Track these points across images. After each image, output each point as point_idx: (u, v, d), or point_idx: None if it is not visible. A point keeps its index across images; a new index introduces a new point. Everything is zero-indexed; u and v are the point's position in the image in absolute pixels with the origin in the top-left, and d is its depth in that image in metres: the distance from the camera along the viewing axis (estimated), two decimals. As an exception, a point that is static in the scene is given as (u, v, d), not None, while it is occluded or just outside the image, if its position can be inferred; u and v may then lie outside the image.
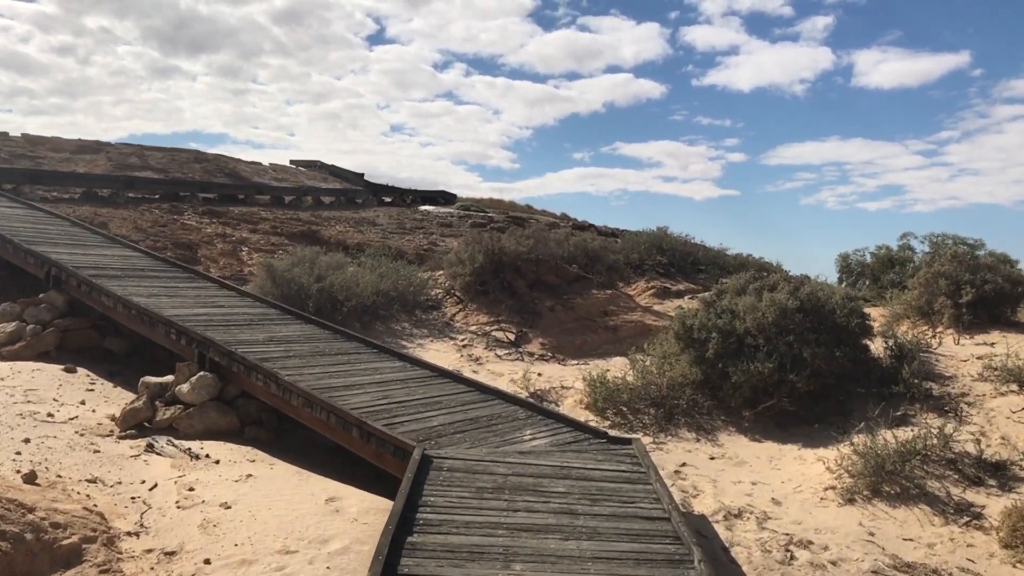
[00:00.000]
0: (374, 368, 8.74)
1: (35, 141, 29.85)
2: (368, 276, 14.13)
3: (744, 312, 9.50)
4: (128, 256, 12.46)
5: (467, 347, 12.93)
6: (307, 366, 8.45)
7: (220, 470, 7.16)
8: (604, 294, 15.11)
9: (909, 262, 31.78)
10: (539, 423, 7.71)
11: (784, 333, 9.26)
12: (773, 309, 9.28)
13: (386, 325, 13.66)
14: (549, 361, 12.73)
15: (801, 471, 8.05)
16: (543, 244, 15.60)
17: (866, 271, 31.93)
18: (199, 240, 18.93)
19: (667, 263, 18.96)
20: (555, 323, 14.06)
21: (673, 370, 9.76)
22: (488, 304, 14.37)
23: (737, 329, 9.41)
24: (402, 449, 6.57)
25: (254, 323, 9.83)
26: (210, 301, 10.53)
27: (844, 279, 32.57)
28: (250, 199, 27.76)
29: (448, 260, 15.40)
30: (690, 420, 9.36)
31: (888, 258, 31.67)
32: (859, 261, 32.36)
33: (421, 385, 8.41)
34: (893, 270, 31.28)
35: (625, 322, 14.39)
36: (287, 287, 13.14)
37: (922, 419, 8.55)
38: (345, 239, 23.10)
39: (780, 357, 9.09)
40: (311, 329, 10.03)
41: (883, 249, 32.11)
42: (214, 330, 9.12)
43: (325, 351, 9.12)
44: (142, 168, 29.21)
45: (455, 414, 7.62)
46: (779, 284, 9.69)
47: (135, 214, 20.88)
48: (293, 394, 7.62)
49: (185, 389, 8.31)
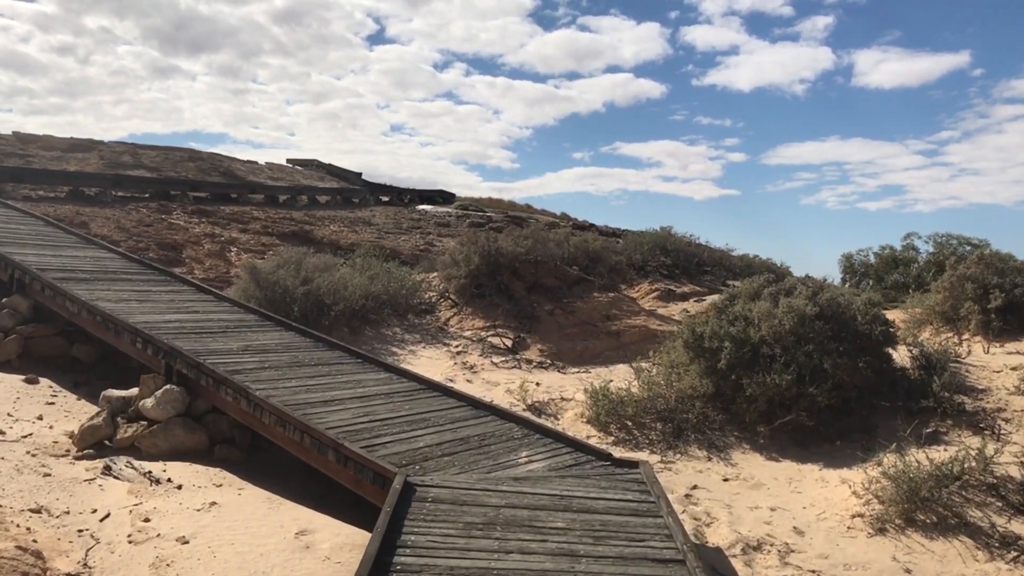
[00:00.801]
0: (356, 380, 8.02)
1: (26, 139, 29.29)
2: (358, 279, 13.42)
3: (759, 319, 8.78)
4: (102, 258, 11.74)
5: (461, 354, 12.21)
6: (283, 379, 7.73)
7: (182, 497, 6.44)
8: (606, 297, 14.39)
9: (913, 262, 31.09)
10: (536, 443, 6.98)
11: (803, 342, 8.54)
12: (791, 316, 8.56)
13: (376, 330, 12.94)
14: (548, 369, 12.01)
15: (824, 495, 7.33)
16: (542, 245, 14.88)
17: (870, 271, 31.22)
18: (185, 240, 18.21)
19: (671, 264, 18.26)
20: (554, 328, 13.35)
21: (682, 381, 9.04)
22: (484, 308, 13.65)
23: (751, 337, 8.69)
24: (382, 476, 5.85)
25: (229, 330, 9.11)
26: (184, 306, 9.81)
27: (848, 279, 31.86)
28: (243, 198, 27.08)
29: (442, 261, 14.68)
30: (701, 436, 8.64)
31: (892, 258, 30.95)
32: (863, 261, 31.63)
33: (407, 400, 7.69)
34: (897, 270, 30.58)
35: (628, 327, 13.67)
36: (271, 290, 12.42)
37: (956, 437, 7.83)
38: (339, 239, 22.41)
39: (798, 368, 8.37)
40: (291, 337, 9.31)
41: (887, 249, 31.37)
42: (184, 339, 8.41)
43: (304, 361, 8.40)
44: (135, 167, 28.60)
45: (444, 433, 6.90)
46: (797, 288, 8.97)
47: (120, 213, 20.18)
48: (264, 411, 6.90)
49: (149, 404, 7.60)
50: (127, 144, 31.94)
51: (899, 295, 26.73)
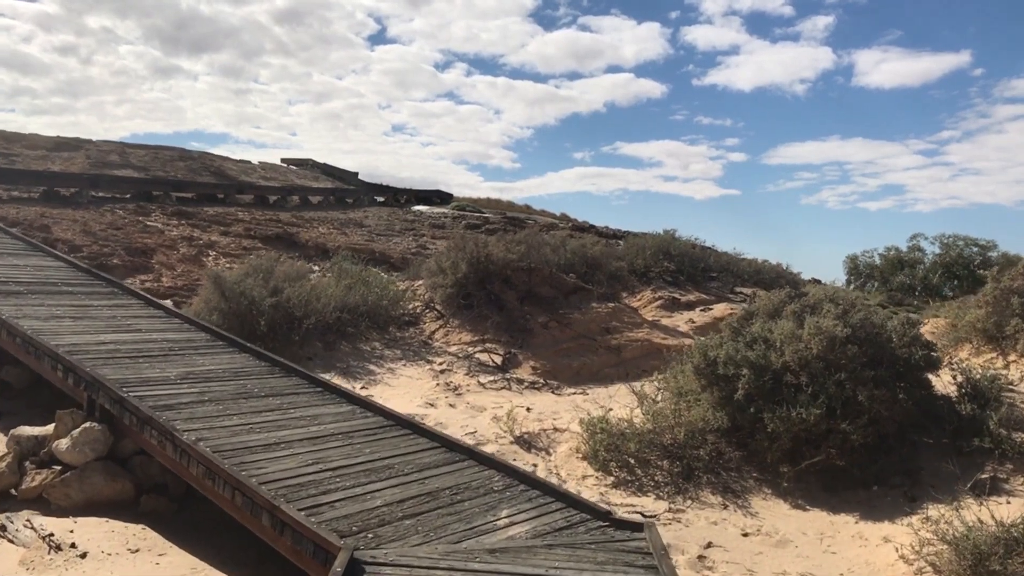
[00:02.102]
0: (312, 416, 6.84)
1: (10, 138, 28.31)
2: (333, 288, 12.24)
3: (781, 342, 7.59)
4: (44, 267, 10.57)
5: (445, 373, 11.02)
6: (224, 415, 6.55)
7: (84, 568, 5.27)
8: (605, 307, 13.20)
9: (919, 264, 29.92)
10: (520, 496, 5.80)
11: (833, 369, 7.35)
12: (819, 339, 7.37)
13: (353, 345, 11.76)
14: (541, 389, 10.82)
15: (864, 557, 6.14)
16: (536, 250, 13.69)
17: (875, 273, 30.08)
18: (158, 244, 17.05)
19: (675, 270, 17.05)
20: (549, 342, 12.16)
21: (691, 412, 7.86)
22: (472, 320, 12.46)
23: (773, 363, 7.51)
24: (324, 549, 4.69)
25: (172, 353, 7.93)
26: (125, 324, 8.63)
27: (852, 281, 30.73)
28: (230, 199, 25.95)
29: (427, 268, 13.49)
30: (715, 478, 7.46)
31: (898, 259, 29.80)
32: (868, 263, 30.51)
33: (369, 440, 6.50)
34: (903, 272, 29.45)
35: (630, 340, 12.49)
36: (237, 302, 11.24)
37: (1020, 486, 6.64)
38: (326, 242, 21.26)
39: (828, 400, 7.19)
40: (243, 361, 8.12)
41: (892, 250, 30.24)
42: (115, 365, 7.23)
43: (253, 392, 7.22)
44: (122, 166, 27.55)
45: (409, 486, 5.72)
46: (823, 306, 7.77)
47: (92, 215, 19.03)
48: (192, 460, 5.73)
49: (64, 446, 6.42)
50: (115, 143, 30.95)
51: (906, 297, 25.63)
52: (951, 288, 28.76)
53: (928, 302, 25.98)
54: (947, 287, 28.72)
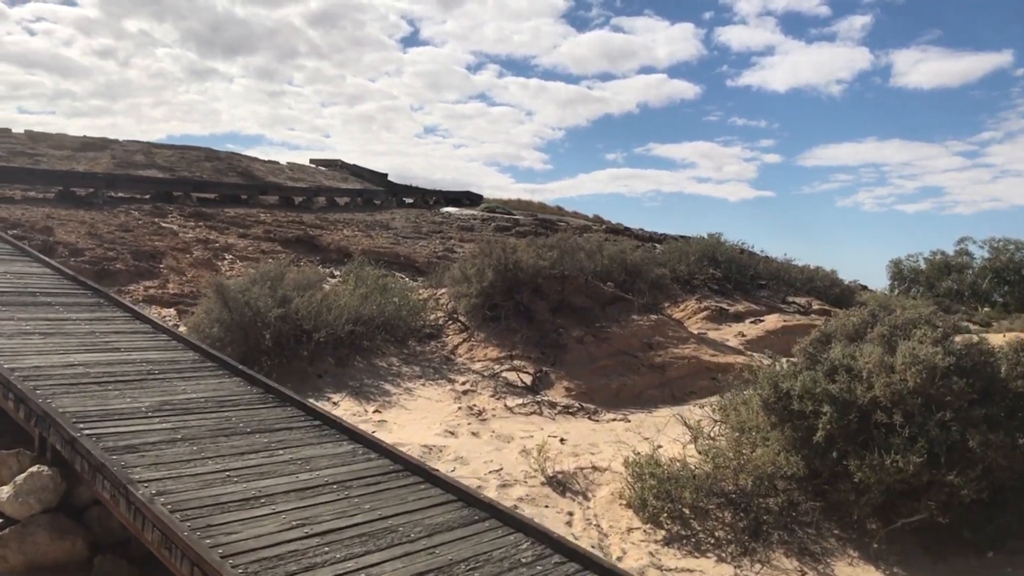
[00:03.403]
0: (303, 460, 5.70)
1: (37, 138, 27.88)
2: (347, 297, 11.13)
3: (869, 372, 6.30)
4: (26, 274, 9.59)
5: (469, 394, 9.85)
6: (197, 458, 5.43)
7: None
8: (648, 320, 11.94)
9: (967, 268, 28.19)
10: (554, 572, 4.62)
11: (934, 407, 6.04)
12: (916, 370, 6.06)
13: (368, 361, 10.64)
14: (576, 415, 9.60)
15: (990, 654, 4.85)
16: (570, 256, 12.46)
17: (920, 278, 28.43)
18: (168, 248, 16.11)
19: (721, 277, 15.73)
20: (584, 359, 10.93)
21: (759, 454, 6.59)
22: (499, 333, 11.27)
23: (859, 398, 6.22)
24: (296, 661, 3.54)
25: (150, 378, 6.84)
26: (103, 342, 7.57)
27: (896, 286, 29.11)
28: (254, 200, 25.14)
29: (451, 276, 12.32)
30: (788, 536, 6.19)
31: (944, 264, 28.12)
32: (912, 267, 28.87)
33: (370, 492, 5.35)
34: (950, 277, 27.74)
35: (675, 358, 11.22)
36: (241, 312, 10.18)
37: None
38: (348, 245, 20.26)
39: (930, 444, 5.88)
40: (232, 386, 7.01)
41: (938, 254, 28.56)
42: (78, 393, 6.16)
43: (237, 427, 6.10)
44: (147, 166, 26.96)
45: (415, 557, 4.55)
46: (920, 328, 6.45)
47: (103, 216, 18.21)
48: (147, 522, 4.61)
49: (5, 495, 5.35)
50: (141, 143, 30.42)
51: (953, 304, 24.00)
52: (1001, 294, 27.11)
53: (977, 308, 24.39)
54: (997, 293, 27.09)
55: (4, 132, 27.55)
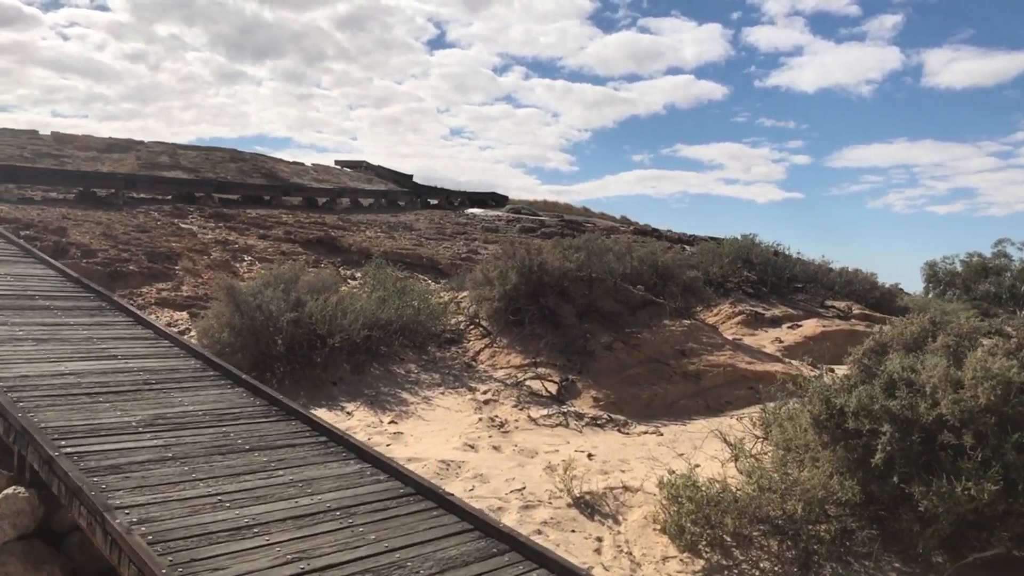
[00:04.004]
0: (305, 481, 5.17)
1: (63, 139, 27.94)
2: (364, 301, 10.63)
3: (933, 387, 5.64)
4: (28, 276, 9.19)
5: (490, 404, 9.29)
6: (188, 479, 4.93)
7: None
8: (680, 325, 11.31)
9: (1005, 271, 27.13)
10: (582, 618, 4.04)
11: (1010, 427, 5.38)
12: (989, 385, 5.40)
13: (385, 368, 10.13)
14: (605, 427, 9.00)
15: None
16: (598, 258, 11.86)
17: (956, 280, 27.44)
18: (185, 249, 15.74)
19: (756, 280, 15.04)
20: (613, 367, 10.33)
21: (808, 476, 5.96)
22: (523, 339, 10.70)
23: (923, 417, 5.56)
24: None
25: (146, 388, 6.37)
26: (99, 348, 7.11)
27: (931, 289, 28.14)
28: (276, 201, 24.85)
29: (472, 279, 11.77)
30: (843, 569, 5.54)
31: (982, 266, 27.12)
32: (948, 269, 27.88)
33: (377, 520, 4.80)
34: (987, 280, 26.74)
35: (710, 365, 10.58)
36: (252, 317, 9.72)
37: None
38: (370, 246, 19.79)
39: (1006, 469, 5.22)
40: (233, 397, 6.51)
41: (975, 257, 27.58)
42: (65, 406, 5.69)
43: (235, 444, 5.58)
44: (171, 167, 26.84)
45: (423, 599, 4.01)
46: (989, 338, 5.78)
47: (121, 217, 17.93)
48: (123, 555, 4.10)
49: (-22, 519, 4.88)
50: (167, 144, 30.37)
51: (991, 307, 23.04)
52: (1041, 298, 26.19)
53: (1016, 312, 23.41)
54: (1037, 296, 26.20)
55: (31, 134, 27.65)
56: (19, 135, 26.83)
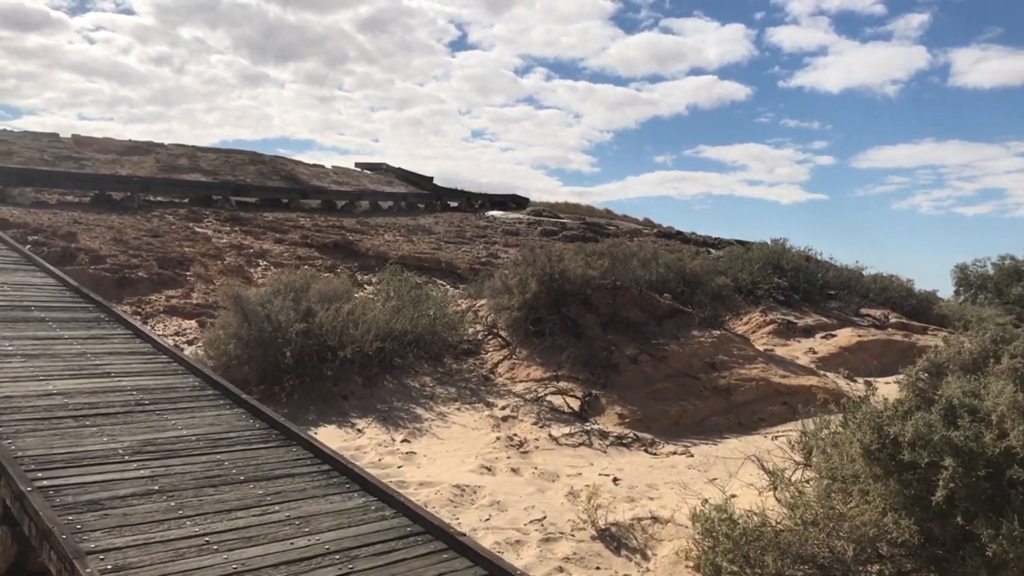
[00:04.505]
0: (304, 518, 4.69)
1: (83, 142, 27.86)
2: (378, 310, 10.17)
3: (1000, 415, 5.07)
4: (26, 285, 8.83)
5: (509, 421, 8.80)
6: (174, 517, 4.46)
7: None
8: (710, 336, 10.75)
9: (1040, 274, 26.31)
10: None
11: (1090, 462, 4.79)
12: (1066, 414, 4.82)
13: (399, 380, 9.67)
14: (631, 446, 8.47)
15: None
16: (622, 264, 11.34)
17: (987, 283, 26.64)
18: (198, 254, 15.40)
19: (787, 287, 14.42)
20: (639, 381, 9.79)
21: (859, 512, 5.40)
22: (543, 351, 10.19)
23: (988, 449, 4.99)
24: None
25: (138, 409, 5.93)
26: (92, 365, 6.69)
27: (962, 292, 27.35)
28: (295, 203, 24.54)
29: (491, 286, 11.28)
30: (899, 620, 4.99)
31: (1014, 269, 26.30)
32: (979, 272, 27.07)
33: (380, 565, 4.31)
34: (1020, 283, 25.92)
35: (741, 379, 10.01)
36: (260, 327, 9.30)
37: None
38: (388, 250, 19.39)
39: (1086, 511, 4.64)
40: (231, 420, 6.05)
41: (1007, 259, 26.76)
42: (47, 430, 5.26)
43: (230, 473, 5.12)
44: (190, 170, 26.66)
45: (428, 666, 3.51)
46: (1062, 360, 5.20)
47: (134, 221, 17.63)
48: (92, 611, 3.65)
49: (-55, 559, 4.46)
50: (186, 147, 30.27)
51: (1024, 310, 22.24)
52: (1077, 302, 25.47)
53: (1050, 317, 22.63)
54: (1073, 300, 25.49)
55: (52, 137, 27.63)
56: (40, 138, 26.77)
